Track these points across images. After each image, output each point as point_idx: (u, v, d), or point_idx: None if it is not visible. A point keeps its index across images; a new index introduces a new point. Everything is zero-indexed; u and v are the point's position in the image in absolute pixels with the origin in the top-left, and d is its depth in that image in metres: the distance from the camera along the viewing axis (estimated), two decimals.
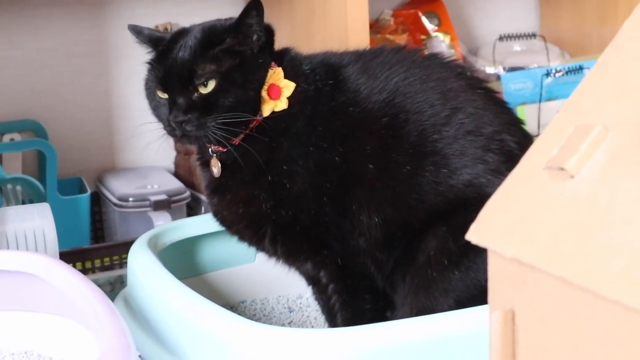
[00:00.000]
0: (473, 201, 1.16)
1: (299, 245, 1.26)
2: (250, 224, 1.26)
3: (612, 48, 0.75)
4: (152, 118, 1.25)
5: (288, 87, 1.23)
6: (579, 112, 0.73)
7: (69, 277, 1.19)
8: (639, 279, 0.62)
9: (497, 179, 1.20)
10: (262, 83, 1.22)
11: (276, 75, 1.23)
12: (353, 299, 1.27)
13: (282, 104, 1.22)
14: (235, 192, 1.25)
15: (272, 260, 1.31)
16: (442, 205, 1.21)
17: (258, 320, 1.44)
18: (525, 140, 1.26)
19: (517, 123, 1.28)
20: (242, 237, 1.30)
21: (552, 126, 0.74)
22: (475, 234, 0.72)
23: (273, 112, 1.22)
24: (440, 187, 1.21)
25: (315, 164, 1.22)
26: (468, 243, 0.75)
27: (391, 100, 1.23)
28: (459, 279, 1.18)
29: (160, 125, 1.24)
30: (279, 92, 1.23)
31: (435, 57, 1.31)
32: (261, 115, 1.22)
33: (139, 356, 1.15)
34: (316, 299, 1.39)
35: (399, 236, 1.23)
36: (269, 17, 1.98)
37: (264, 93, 1.22)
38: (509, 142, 1.23)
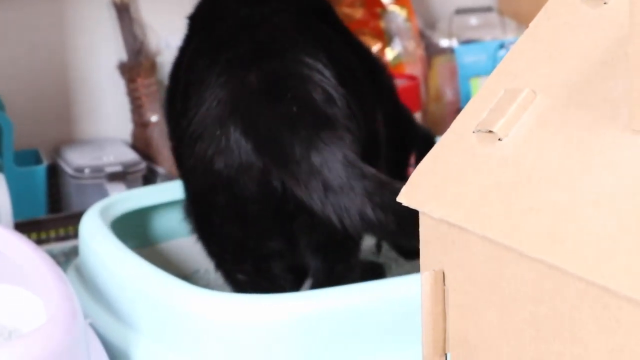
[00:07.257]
0: None
1: None
2: None
3: (543, 13, 0.76)
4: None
5: None
6: (509, 76, 0.75)
7: (19, 245, 1.19)
8: (561, 237, 0.63)
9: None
10: None
11: None
12: None
13: None
14: None
15: None
16: None
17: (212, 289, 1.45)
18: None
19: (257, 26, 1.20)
20: None
21: (482, 90, 0.75)
22: (405, 197, 0.73)
23: None
24: None
25: None
26: None
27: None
28: None
29: None
30: None
31: None
32: None
33: (90, 324, 1.16)
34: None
35: None
36: None
37: None
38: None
